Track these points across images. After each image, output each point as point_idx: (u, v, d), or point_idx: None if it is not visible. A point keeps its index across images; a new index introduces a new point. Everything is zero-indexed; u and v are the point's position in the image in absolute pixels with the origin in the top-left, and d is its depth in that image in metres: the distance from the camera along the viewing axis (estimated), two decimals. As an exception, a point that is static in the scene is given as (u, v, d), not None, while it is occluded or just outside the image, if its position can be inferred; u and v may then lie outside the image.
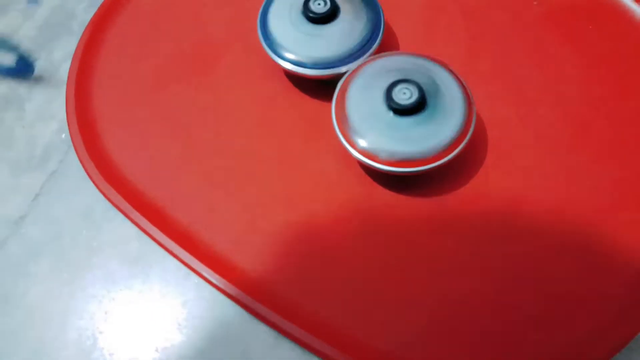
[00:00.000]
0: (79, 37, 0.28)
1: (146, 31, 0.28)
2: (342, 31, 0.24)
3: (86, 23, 0.29)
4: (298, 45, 0.24)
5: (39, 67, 0.28)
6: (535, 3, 0.27)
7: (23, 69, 0.26)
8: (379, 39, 0.24)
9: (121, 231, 0.24)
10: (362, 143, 0.22)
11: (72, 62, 0.27)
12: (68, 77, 0.26)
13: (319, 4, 0.24)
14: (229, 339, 0.22)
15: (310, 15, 0.24)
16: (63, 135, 0.26)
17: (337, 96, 0.23)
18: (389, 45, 0.26)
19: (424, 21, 0.27)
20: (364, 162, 0.22)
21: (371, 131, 0.22)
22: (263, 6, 0.25)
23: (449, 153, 0.21)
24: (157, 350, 0.22)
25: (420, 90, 0.21)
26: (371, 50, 0.24)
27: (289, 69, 0.24)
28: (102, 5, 0.28)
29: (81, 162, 0.24)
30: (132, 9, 0.28)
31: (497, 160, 0.24)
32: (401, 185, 0.23)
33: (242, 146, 0.25)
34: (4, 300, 0.23)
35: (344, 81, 0.23)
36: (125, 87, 0.26)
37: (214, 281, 0.21)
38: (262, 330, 0.22)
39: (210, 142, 0.25)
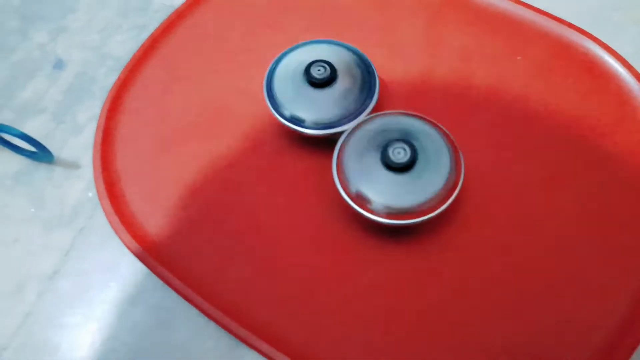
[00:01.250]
0: (101, 101, 0.31)
1: (162, 95, 0.30)
2: (340, 94, 0.26)
3: (106, 87, 0.32)
4: (300, 107, 0.26)
5: (64, 129, 0.31)
6: (519, 58, 0.30)
7: (43, 157, 0.29)
8: (374, 100, 0.26)
9: (146, 282, 0.26)
10: (360, 198, 0.24)
11: (97, 126, 0.29)
12: (94, 140, 0.29)
13: (319, 70, 0.26)
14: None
15: (311, 80, 0.26)
16: (90, 194, 0.29)
17: (338, 153, 0.25)
18: (384, 103, 0.29)
19: (416, 80, 0.30)
20: (360, 213, 0.24)
21: (368, 185, 0.24)
22: (268, 72, 0.27)
23: (439, 207, 0.23)
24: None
25: (413, 149, 0.24)
26: (367, 110, 0.26)
27: (293, 129, 0.26)
28: (122, 73, 0.31)
29: (107, 218, 0.26)
30: (149, 75, 0.31)
31: (480, 209, 0.26)
32: (393, 233, 0.25)
33: (251, 197, 0.27)
34: (42, 351, 0.25)
35: (344, 140, 0.25)
36: (144, 147, 0.29)
37: (229, 327, 0.24)
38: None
39: (223, 194, 0.27)
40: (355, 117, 0.26)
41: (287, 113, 0.26)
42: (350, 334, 0.24)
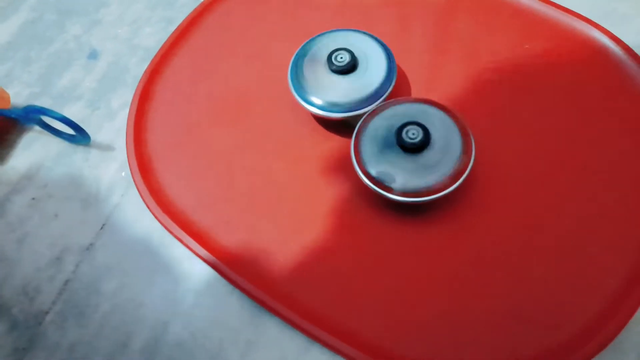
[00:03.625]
0: (133, 88, 0.33)
1: (190, 82, 0.32)
2: (360, 80, 0.28)
3: (138, 76, 0.34)
4: (323, 92, 0.28)
5: (99, 115, 0.33)
6: (526, 46, 0.31)
7: (80, 139, 0.31)
8: (391, 86, 0.28)
9: (175, 253, 0.28)
10: (377, 176, 0.26)
11: (129, 111, 0.31)
12: (127, 124, 0.31)
13: (341, 58, 0.28)
14: (267, 344, 0.26)
15: (333, 67, 0.28)
16: (123, 174, 0.31)
17: (356, 135, 0.27)
18: (401, 89, 0.30)
19: (430, 68, 0.31)
20: (377, 191, 0.26)
21: (384, 165, 0.26)
22: (293, 60, 0.29)
23: (450, 185, 0.25)
24: (211, 356, 0.26)
25: (426, 131, 0.25)
26: (385, 95, 0.28)
27: (314, 113, 0.28)
28: (151, 62, 0.33)
29: (140, 194, 0.28)
30: (178, 63, 0.33)
31: (490, 189, 0.27)
32: (411, 211, 0.27)
33: (276, 178, 0.29)
34: (80, 315, 0.27)
35: (361, 123, 0.27)
36: (174, 130, 0.31)
37: (254, 294, 0.25)
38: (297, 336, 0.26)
39: (248, 175, 0.29)
40: (373, 102, 0.28)
41: (310, 97, 0.28)
42: (367, 302, 0.25)
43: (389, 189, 0.25)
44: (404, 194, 0.25)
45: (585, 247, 0.26)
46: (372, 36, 0.29)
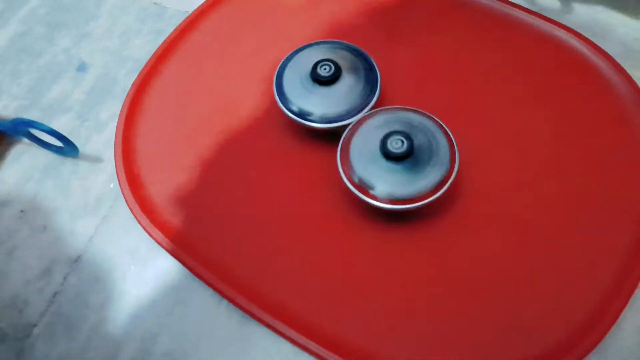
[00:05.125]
0: (122, 100, 0.34)
1: (178, 92, 0.33)
2: (345, 90, 0.28)
3: (127, 88, 0.34)
4: (308, 103, 0.28)
5: (88, 127, 0.33)
6: (509, 54, 0.32)
7: (69, 151, 0.31)
8: (376, 96, 0.28)
9: (164, 265, 0.28)
10: (362, 185, 0.26)
11: (118, 122, 0.31)
12: (115, 135, 0.31)
13: (325, 69, 0.28)
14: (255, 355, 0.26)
15: (318, 78, 0.28)
16: (111, 185, 0.31)
17: (342, 145, 0.27)
18: (385, 98, 0.31)
19: (413, 77, 0.32)
20: (363, 199, 0.26)
21: (369, 174, 0.26)
22: (278, 71, 0.30)
23: (435, 193, 0.25)
24: (197, 365, 0.26)
25: (410, 140, 0.26)
26: (370, 106, 0.28)
27: (300, 122, 0.28)
28: (140, 73, 0.33)
29: (128, 206, 0.29)
30: (166, 75, 0.33)
31: (478, 197, 0.28)
32: (397, 219, 0.27)
33: (263, 185, 0.29)
34: (68, 327, 0.27)
35: (347, 133, 0.27)
36: (162, 141, 0.31)
37: (241, 304, 0.26)
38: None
39: (237, 183, 0.29)
40: (358, 112, 0.28)
41: (295, 108, 0.28)
42: (352, 310, 0.25)
43: (374, 197, 0.26)
44: (390, 201, 0.25)
45: (572, 251, 0.26)
46: (355, 48, 0.30)
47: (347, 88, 0.28)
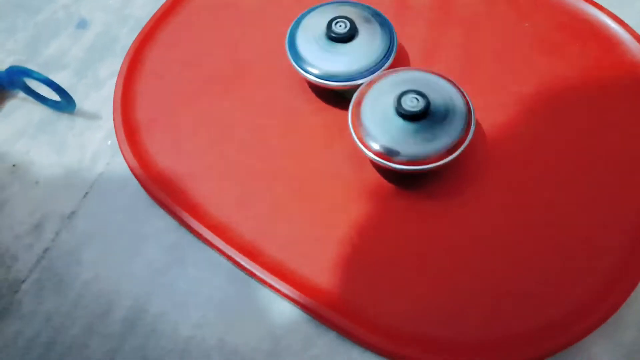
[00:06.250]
0: (122, 58, 0.32)
1: (181, 51, 0.31)
2: (359, 49, 0.27)
3: (128, 47, 0.33)
4: (321, 61, 0.27)
5: (86, 84, 0.32)
6: (526, 25, 0.31)
7: (65, 106, 0.30)
8: (391, 57, 0.27)
9: (161, 223, 0.27)
10: (375, 145, 0.25)
11: (117, 79, 0.30)
12: (115, 92, 0.30)
13: (340, 26, 0.27)
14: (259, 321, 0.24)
15: (332, 35, 0.27)
16: (109, 142, 0.30)
17: (354, 105, 0.26)
18: (400, 61, 0.30)
19: (430, 40, 0.31)
20: (376, 161, 0.25)
21: (383, 134, 0.25)
22: (291, 28, 0.28)
23: (451, 154, 0.24)
24: (194, 325, 0.24)
25: (426, 99, 0.25)
26: (385, 66, 0.27)
27: (312, 81, 0.27)
28: (141, 31, 0.32)
29: (126, 161, 0.27)
30: (169, 33, 0.32)
31: (493, 162, 0.27)
32: (409, 183, 0.26)
33: (269, 148, 0.28)
34: (58, 284, 0.25)
35: (360, 92, 0.26)
36: (163, 100, 0.30)
37: (244, 264, 0.24)
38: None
39: (241, 145, 0.28)
40: (373, 72, 0.27)
41: (307, 66, 0.27)
42: (359, 272, 0.24)
43: (389, 158, 0.24)
44: (401, 162, 0.24)
45: (584, 224, 0.25)
46: (371, 8, 0.29)
47: (362, 47, 0.27)
